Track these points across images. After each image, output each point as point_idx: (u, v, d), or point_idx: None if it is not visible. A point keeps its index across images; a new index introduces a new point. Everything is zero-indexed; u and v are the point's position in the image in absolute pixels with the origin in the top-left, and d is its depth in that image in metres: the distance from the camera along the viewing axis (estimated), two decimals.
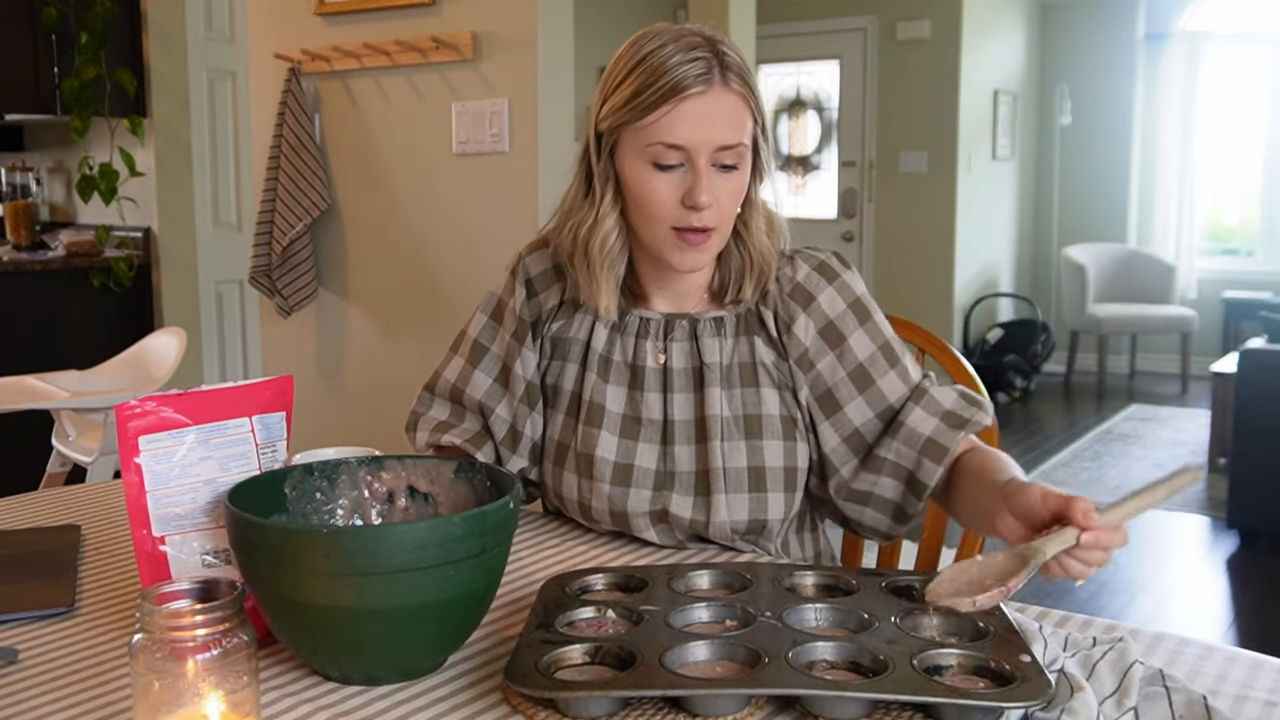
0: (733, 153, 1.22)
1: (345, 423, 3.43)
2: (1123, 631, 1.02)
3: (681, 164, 1.21)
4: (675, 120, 1.20)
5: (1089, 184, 7.49)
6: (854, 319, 1.31)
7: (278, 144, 3.31)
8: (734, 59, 1.23)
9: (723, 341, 1.31)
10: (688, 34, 1.23)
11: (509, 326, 1.38)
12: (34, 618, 1.08)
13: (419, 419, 1.43)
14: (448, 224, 3.16)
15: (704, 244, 1.24)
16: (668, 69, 1.19)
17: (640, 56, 1.22)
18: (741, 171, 1.24)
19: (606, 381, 1.33)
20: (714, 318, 1.32)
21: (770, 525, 1.30)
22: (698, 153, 1.20)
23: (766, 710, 0.87)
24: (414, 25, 3.11)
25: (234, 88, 4.55)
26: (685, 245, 1.24)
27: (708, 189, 1.21)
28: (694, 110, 1.20)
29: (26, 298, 4.13)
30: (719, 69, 1.21)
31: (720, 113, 1.20)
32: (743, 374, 1.31)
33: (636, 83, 1.21)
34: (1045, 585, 3.66)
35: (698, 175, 1.21)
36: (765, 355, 1.31)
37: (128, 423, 0.98)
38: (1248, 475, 3.99)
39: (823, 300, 1.31)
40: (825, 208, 7.04)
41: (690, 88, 1.19)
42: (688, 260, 1.25)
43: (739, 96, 1.22)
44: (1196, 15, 7.19)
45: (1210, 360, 6.47)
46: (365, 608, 0.88)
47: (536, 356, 1.38)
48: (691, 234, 1.23)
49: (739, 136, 1.22)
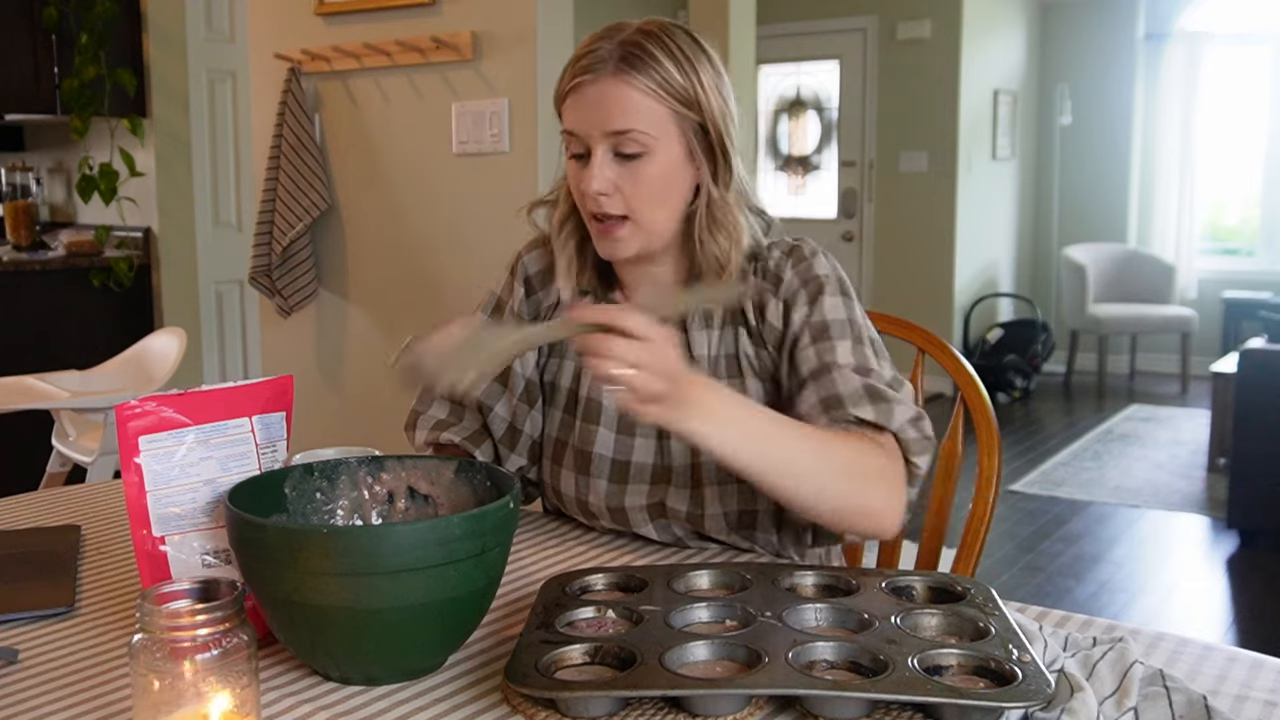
0: (628, 139, 1.21)
1: (345, 423, 3.43)
2: (1123, 631, 1.02)
3: (585, 152, 1.24)
4: (569, 109, 1.25)
5: (1089, 184, 7.49)
6: (815, 291, 1.28)
7: (278, 144, 3.32)
8: (653, 59, 1.21)
9: (709, 334, 1.32)
10: (617, 28, 1.25)
11: (508, 324, 1.39)
12: (34, 618, 1.08)
13: (418, 417, 1.43)
14: (448, 224, 3.15)
15: (616, 232, 1.25)
16: (571, 62, 1.25)
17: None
18: (652, 159, 1.23)
19: None
20: (702, 309, 1.32)
21: (760, 516, 1.30)
22: (589, 139, 1.23)
23: (766, 710, 0.87)
24: (414, 25, 3.11)
25: (234, 88, 4.55)
26: (600, 233, 1.27)
27: (597, 175, 1.22)
28: (583, 98, 1.23)
29: (26, 298, 4.13)
30: (615, 60, 1.21)
31: (609, 100, 1.21)
32: (728, 366, 1.31)
33: (563, 72, 1.26)
34: (1045, 586, 3.66)
35: (590, 162, 1.23)
36: (747, 347, 1.31)
37: (128, 423, 0.98)
38: (1248, 475, 3.99)
39: (787, 279, 1.30)
40: (825, 208, 7.04)
41: (579, 76, 1.23)
42: (604, 248, 1.28)
43: (634, 89, 1.21)
44: (1196, 15, 7.19)
45: (1210, 360, 6.47)
46: (365, 608, 0.88)
47: (535, 354, 1.39)
48: (599, 222, 1.26)
49: (630, 124, 1.21)
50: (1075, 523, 4.34)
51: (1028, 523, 4.33)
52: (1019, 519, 4.38)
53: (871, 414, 1.18)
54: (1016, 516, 4.41)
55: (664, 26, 1.25)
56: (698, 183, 1.28)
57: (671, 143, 1.24)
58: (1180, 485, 4.82)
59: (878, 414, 1.19)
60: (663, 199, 1.25)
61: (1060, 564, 3.87)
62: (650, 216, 1.25)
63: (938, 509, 1.49)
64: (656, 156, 1.23)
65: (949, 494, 1.48)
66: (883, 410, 1.19)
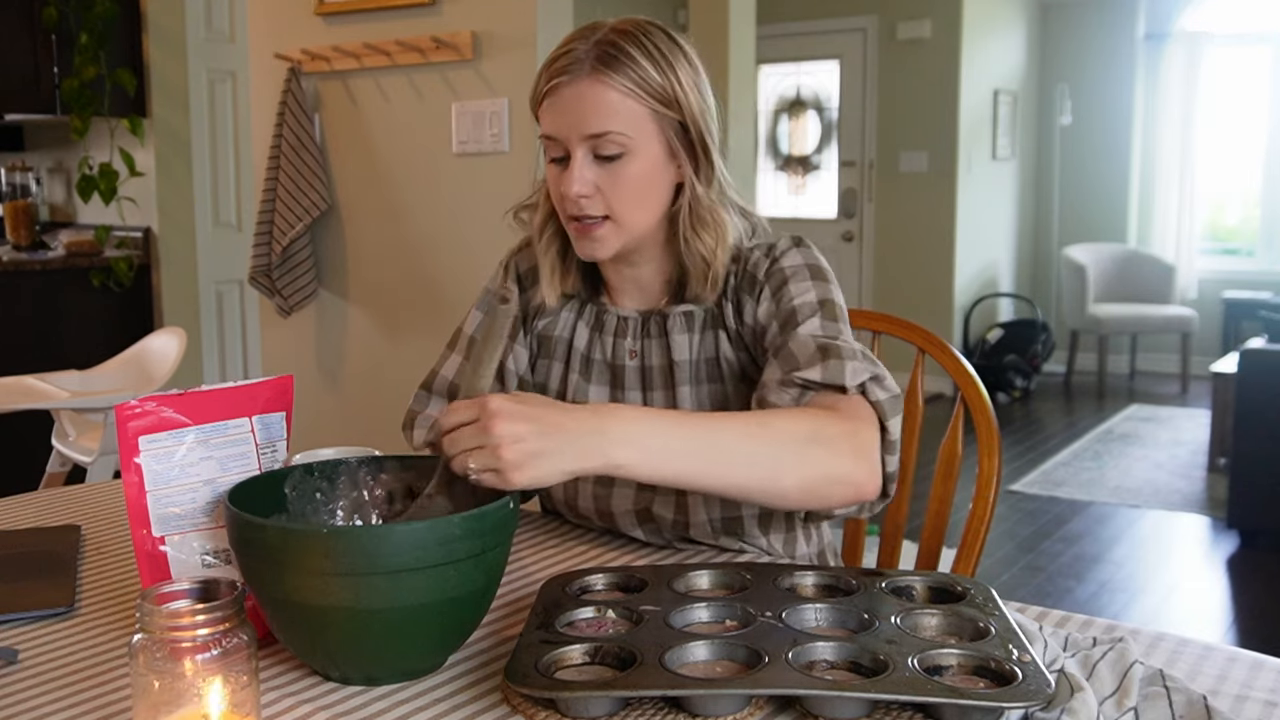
0: (607, 141, 1.21)
1: (345, 423, 3.43)
2: (1123, 631, 1.02)
3: (564, 155, 1.23)
4: (546, 112, 1.24)
5: (1089, 184, 7.49)
6: (779, 284, 1.27)
7: (278, 144, 3.32)
8: (630, 58, 1.20)
9: (691, 337, 1.31)
10: (591, 28, 1.24)
11: None
12: (34, 618, 1.08)
13: (416, 417, 1.43)
14: (448, 224, 3.15)
15: (595, 232, 1.24)
16: (546, 64, 1.23)
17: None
18: (632, 159, 1.22)
19: (589, 381, 1.35)
20: (684, 312, 1.32)
21: (745, 520, 1.30)
22: (568, 142, 1.22)
23: (766, 710, 0.87)
24: (414, 25, 3.11)
25: (234, 88, 4.55)
26: (578, 234, 1.26)
27: (577, 178, 1.22)
28: (560, 101, 1.22)
29: (26, 298, 4.13)
30: (591, 60, 1.20)
31: (586, 102, 1.20)
32: (709, 370, 1.31)
33: (537, 76, 1.25)
34: (1045, 586, 3.66)
35: (570, 164, 1.22)
36: (727, 350, 1.30)
37: (128, 423, 0.98)
38: (1248, 475, 3.99)
39: (761, 275, 1.29)
40: (825, 208, 7.04)
41: (554, 79, 1.22)
42: (585, 249, 1.27)
43: (610, 88, 1.20)
44: (1196, 15, 7.19)
45: (1210, 360, 6.48)
46: (365, 608, 0.88)
47: (528, 352, 1.39)
48: (578, 223, 1.25)
49: (608, 125, 1.20)
50: (1075, 523, 4.34)
51: (1028, 523, 4.33)
52: (1019, 519, 4.38)
53: (819, 374, 1.14)
54: (1016, 516, 4.41)
55: (640, 25, 1.23)
56: (679, 181, 1.27)
57: (651, 142, 1.23)
58: (1180, 485, 4.82)
59: (825, 373, 1.14)
60: (643, 199, 1.25)
61: (1060, 564, 3.87)
62: (631, 217, 1.25)
63: (938, 509, 1.49)
64: (636, 156, 1.22)
65: (949, 494, 1.48)
66: (833, 368, 1.14)
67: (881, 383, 1.16)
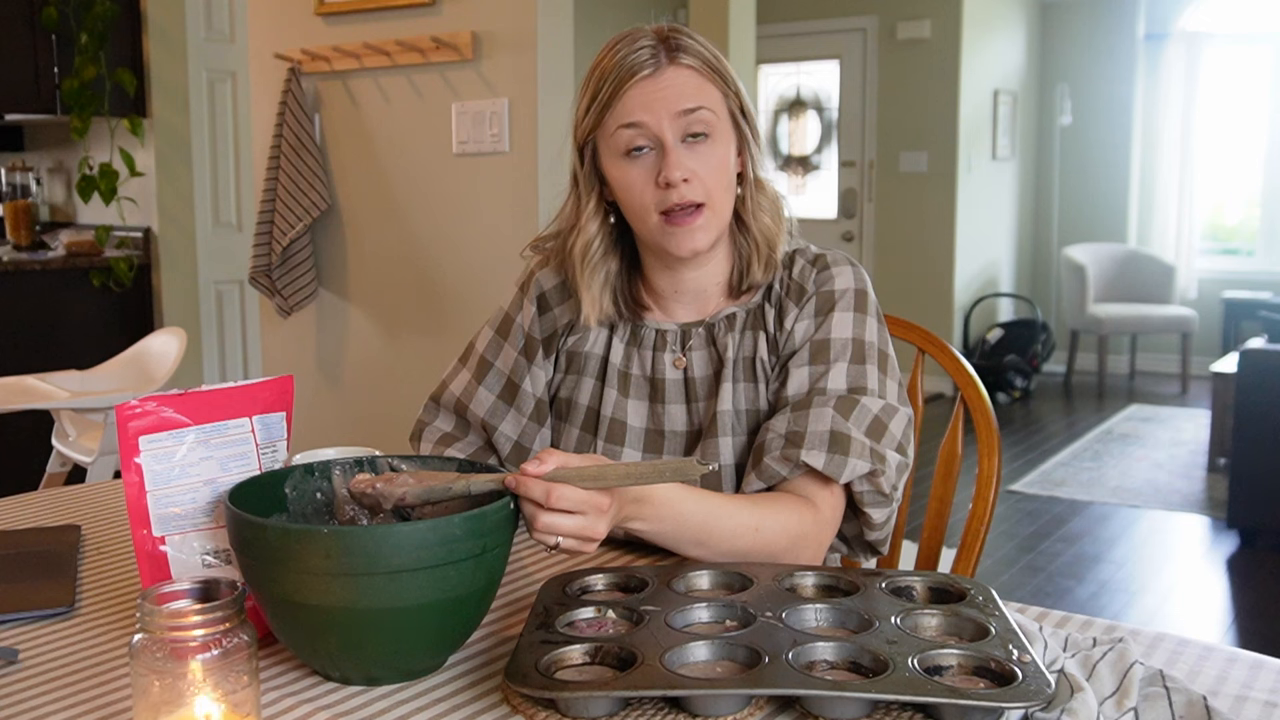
0: (697, 119, 1.22)
1: (345, 423, 3.43)
2: (1123, 632, 1.02)
3: (650, 147, 1.23)
4: (628, 103, 1.22)
5: (1089, 184, 7.49)
6: (825, 306, 1.28)
7: (278, 144, 3.32)
8: (690, 44, 1.24)
9: (734, 336, 1.31)
10: (638, 33, 1.25)
11: (516, 343, 1.38)
12: (34, 618, 1.08)
13: (424, 429, 1.43)
14: (448, 224, 3.16)
15: (695, 222, 1.23)
16: (615, 65, 1.23)
17: (595, 65, 1.26)
18: (716, 141, 1.24)
19: (627, 397, 1.33)
20: (728, 316, 1.32)
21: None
22: (659, 128, 1.21)
23: (766, 710, 0.87)
24: (414, 25, 3.11)
25: (234, 88, 4.55)
26: (676, 228, 1.24)
27: (678, 163, 1.21)
28: (645, 90, 1.22)
29: (26, 298, 4.13)
30: (666, 51, 1.23)
31: (673, 85, 1.22)
32: (746, 369, 1.31)
33: (593, 88, 1.25)
34: (1045, 586, 3.66)
35: (666, 151, 1.22)
36: (764, 352, 1.31)
37: (128, 423, 0.98)
38: (1248, 475, 3.99)
39: (809, 286, 1.30)
40: (825, 208, 7.04)
41: (638, 72, 1.22)
42: (684, 244, 1.24)
43: (693, 70, 1.23)
44: (1196, 15, 7.19)
45: (1210, 360, 6.48)
46: (365, 608, 0.88)
47: (548, 373, 1.38)
48: (679, 214, 1.23)
49: (699, 100, 1.22)
50: (1075, 523, 4.34)
51: (1028, 523, 4.34)
52: (1019, 519, 4.38)
53: (820, 463, 1.18)
54: (1016, 516, 4.41)
55: (675, 26, 1.27)
56: (739, 170, 1.29)
57: (726, 124, 1.26)
58: (1180, 485, 4.83)
59: (827, 465, 1.18)
60: (729, 182, 1.27)
61: (1060, 564, 3.87)
62: (722, 200, 1.26)
63: (938, 509, 1.49)
64: (719, 138, 1.24)
65: (949, 494, 1.48)
66: (835, 463, 1.18)
67: (876, 479, 1.20)
